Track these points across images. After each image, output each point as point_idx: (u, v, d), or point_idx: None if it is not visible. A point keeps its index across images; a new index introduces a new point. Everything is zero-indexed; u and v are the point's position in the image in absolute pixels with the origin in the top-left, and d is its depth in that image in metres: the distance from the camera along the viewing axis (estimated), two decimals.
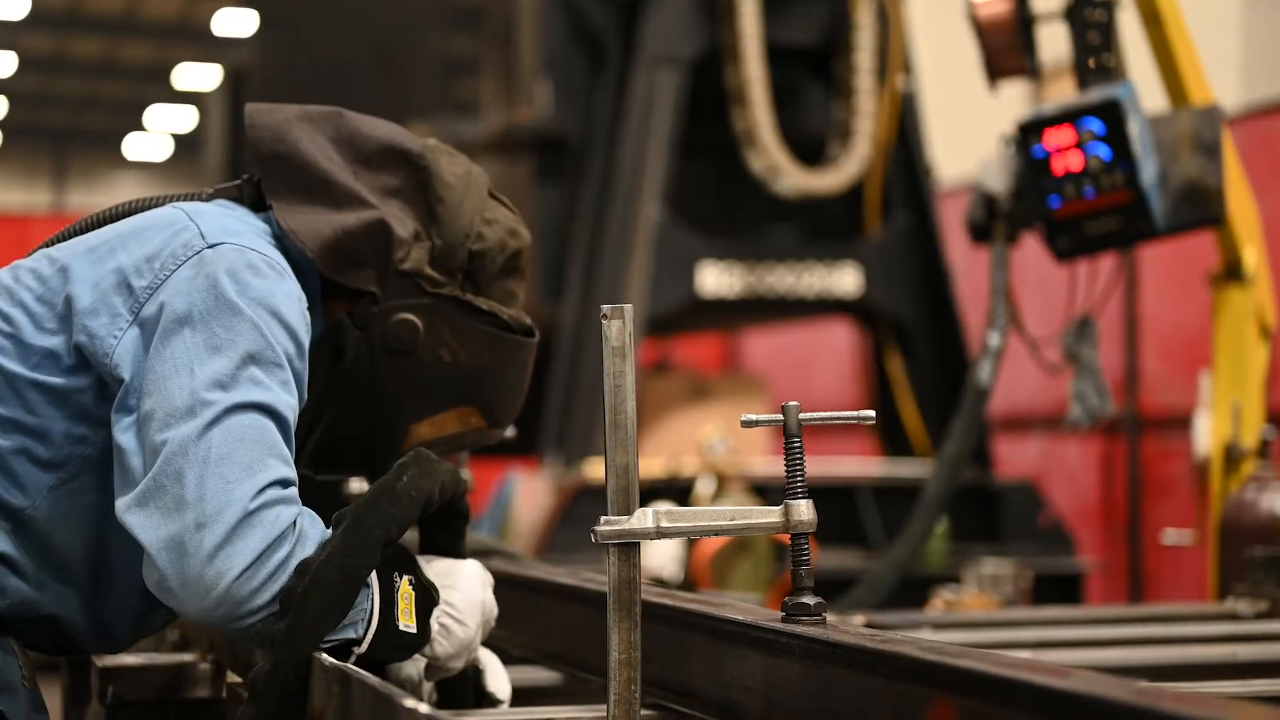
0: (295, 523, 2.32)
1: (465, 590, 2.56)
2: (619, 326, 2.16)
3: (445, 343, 2.72)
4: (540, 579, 3.13)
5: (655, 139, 8.26)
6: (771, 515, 2.23)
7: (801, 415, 2.25)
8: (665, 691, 2.47)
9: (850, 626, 2.21)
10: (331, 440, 2.74)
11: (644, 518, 2.17)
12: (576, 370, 8.33)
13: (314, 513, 2.39)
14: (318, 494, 2.66)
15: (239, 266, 2.47)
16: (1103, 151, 4.95)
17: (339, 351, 2.70)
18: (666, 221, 8.25)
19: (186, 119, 33.90)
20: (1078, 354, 5.41)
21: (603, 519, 2.17)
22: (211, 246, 2.51)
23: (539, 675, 3.00)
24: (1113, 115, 4.94)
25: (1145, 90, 5.09)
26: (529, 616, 3.14)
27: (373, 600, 2.38)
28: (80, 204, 33.64)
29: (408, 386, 2.71)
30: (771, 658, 2.20)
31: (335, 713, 2.13)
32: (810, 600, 2.24)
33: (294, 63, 15.33)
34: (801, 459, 2.25)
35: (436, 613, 2.51)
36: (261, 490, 2.30)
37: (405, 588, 2.44)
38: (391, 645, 2.42)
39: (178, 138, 35.58)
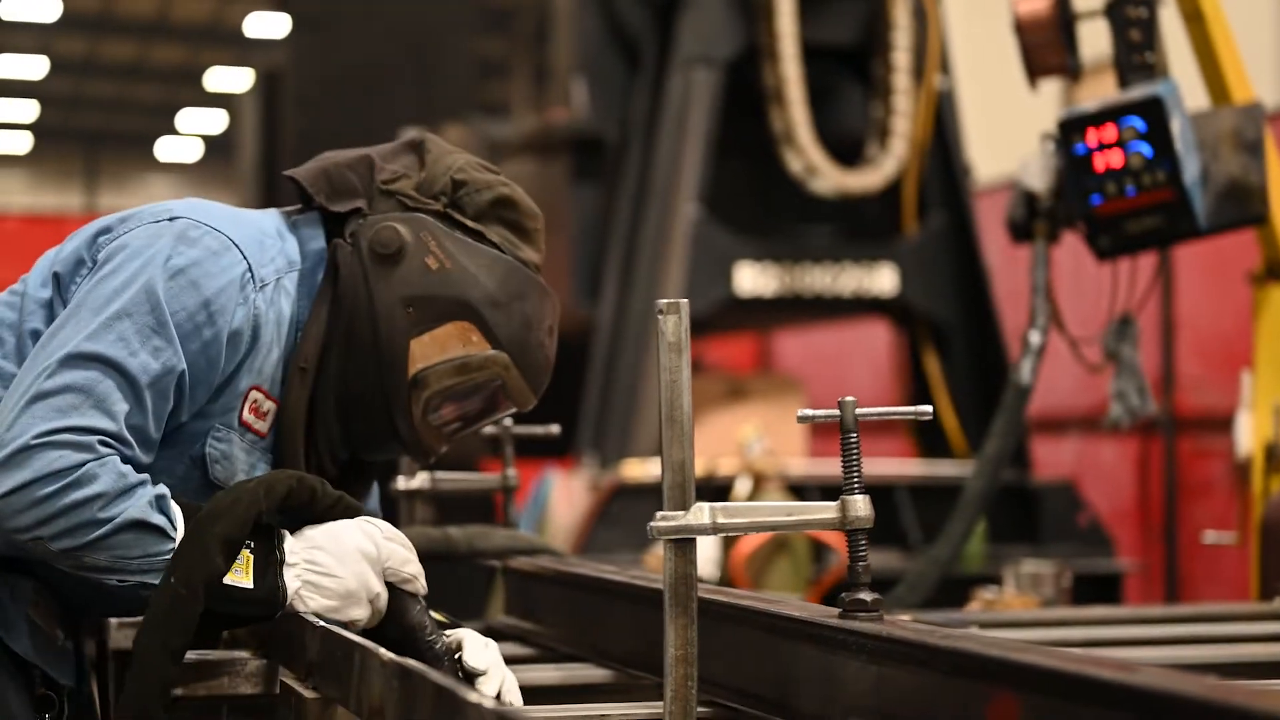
0: (80, 465, 2.48)
1: (333, 549, 2.64)
2: (675, 322, 2.15)
3: (430, 251, 2.81)
4: (589, 576, 3.12)
5: (692, 139, 8.25)
6: (828, 511, 2.22)
7: (858, 411, 2.24)
8: (720, 689, 2.46)
9: (909, 623, 2.20)
10: (345, 370, 2.79)
11: (700, 513, 2.16)
12: (613, 370, 8.33)
13: (122, 465, 2.53)
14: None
15: (175, 237, 2.67)
16: (1145, 149, 4.92)
17: (335, 270, 2.80)
18: (703, 221, 8.24)
19: (218, 121, 33.97)
20: (1118, 353, 5.39)
21: (659, 514, 2.15)
22: (172, 219, 2.71)
23: (590, 672, 2.99)
24: (1155, 113, 4.91)
25: (1184, 88, 5.07)
26: (578, 613, 3.14)
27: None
28: (112, 206, 33.68)
29: (400, 296, 2.78)
30: (829, 654, 2.19)
31: (395, 707, 2.12)
32: (868, 596, 2.23)
33: (326, 65, 15.33)
34: (858, 455, 2.24)
35: (298, 570, 2.61)
36: (56, 432, 2.48)
37: (244, 552, 2.57)
38: (224, 598, 2.54)
39: (209, 140, 35.66)
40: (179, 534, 2.56)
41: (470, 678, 2.65)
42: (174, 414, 2.66)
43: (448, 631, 2.71)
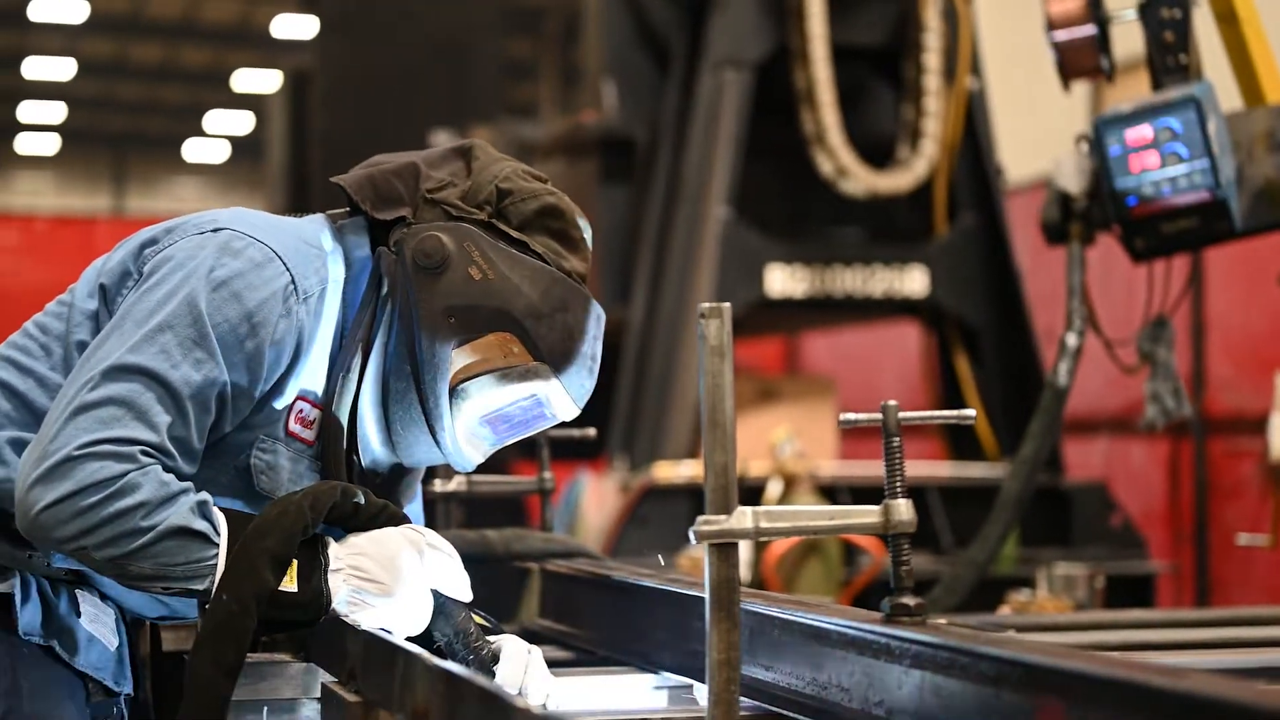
0: (123, 475, 2.50)
1: (377, 554, 2.66)
2: (717, 325, 2.15)
3: (474, 261, 2.79)
4: (627, 580, 3.12)
5: (722, 140, 8.25)
6: (871, 515, 2.21)
7: (901, 415, 2.23)
8: (762, 693, 2.46)
9: (952, 627, 2.19)
10: (387, 377, 2.80)
11: (743, 517, 2.15)
12: (643, 372, 8.33)
13: (164, 473, 2.55)
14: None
15: (219, 249, 2.68)
16: (1181, 150, 4.90)
17: (379, 279, 2.81)
18: (733, 223, 8.23)
19: (245, 123, 34.03)
20: (1153, 355, 5.37)
21: (701, 518, 2.15)
22: (216, 230, 2.72)
23: (629, 676, 2.99)
24: (1191, 114, 4.89)
25: (1217, 90, 5.05)
26: (616, 616, 3.14)
27: (218, 557, 2.55)
28: (140, 208, 33.83)
29: (442, 306, 2.77)
30: (872, 659, 2.19)
31: (440, 711, 2.12)
32: (911, 601, 2.23)
33: (354, 66, 15.37)
34: (901, 459, 2.24)
35: (343, 576, 2.63)
36: (98, 443, 2.51)
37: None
38: (270, 603, 2.56)
39: (236, 141, 35.70)
40: (222, 539, 2.57)
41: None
42: (216, 425, 2.66)
43: (491, 638, 2.71)
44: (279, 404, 2.73)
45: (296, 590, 2.60)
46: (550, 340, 2.82)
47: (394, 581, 2.66)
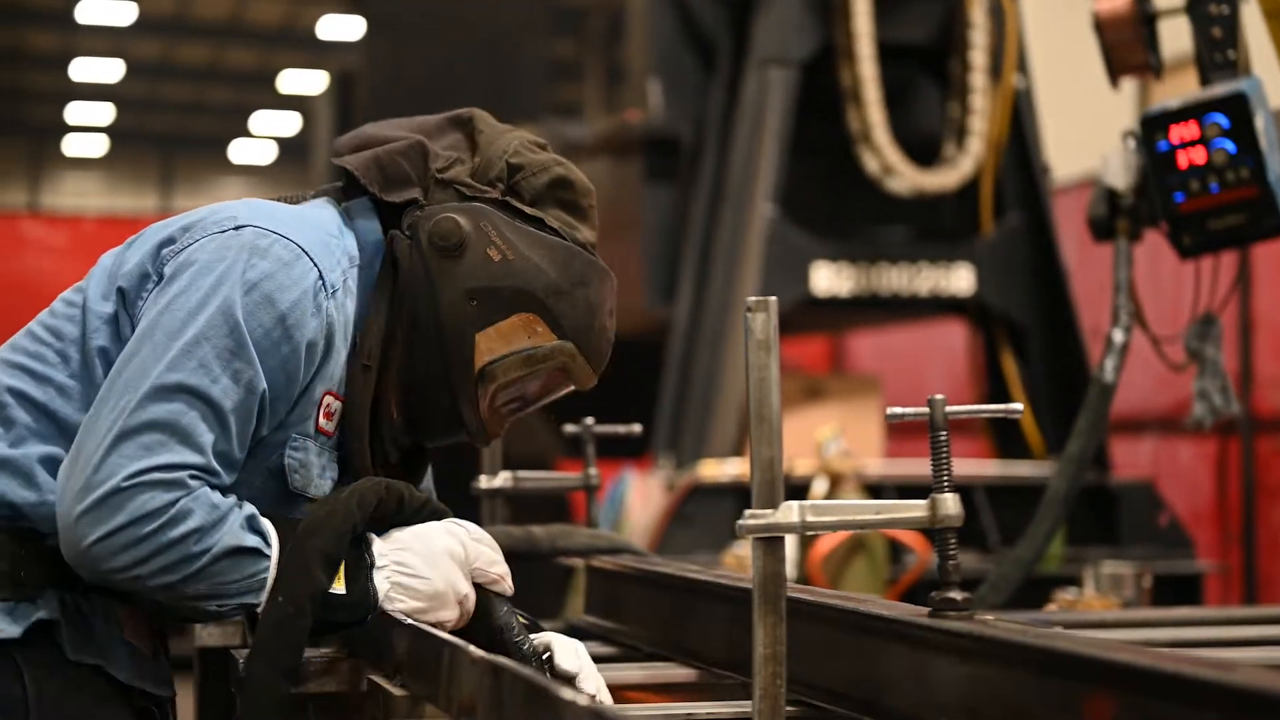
0: (174, 503, 2.48)
1: (421, 550, 2.66)
2: (763, 319, 2.15)
3: (491, 242, 2.79)
4: (673, 574, 3.12)
5: (767, 139, 8.24)
6: (917, 510, 2.21)
7: (948, 409, 2.23)
8: (808, 688, 2.46)
9: (999, 622, 2.18)
10: (410, 366, 2.80)
11: (789, 511, 2.15)
12: (688, 371, 8.32)
13: (211, 493, 2.53)
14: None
15: (246, 250, 2.63)
16: (1228, 146, 4.87)
17: (396, 267, 2.79)
18: (779, 221, 8.22)
19: (292, 124, 34.13)
20: (1201, 352, 5.34)
21: (747, 513, 2.15)
22: (238, 228, 2.68)
23: (675, 671, 2.99)
24: (1238, 110, 4.86)
25: (1265, 85, 5.02)
26: (662, 612, 3.14)
27: (270, 569, 2.55)
28: (186, 208, 33.66)
29: (463, 290, 2.77)
30: (919, 653, 2.18)
31: (486, 705, 2.12)
32: (958, 595, 2.22)
33: (399, 67, 15.39)
34: (948, 454, 2.23)
35: (387, 573, 2.63)
36: (145, 471, 2.48)
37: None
38: (326, 605, 2.57)
39: (283, 142, 35.82)
40: (274, 550, 2.57)
41: (558, 676, 2.66)
42: (254, 430, 2.65)
43: (533, 635, 2.71)
44: (309, 401, 2.72)
45: (345, 592, 2.60)
46: (573, 317, 2.83)
47: (437, 577, 2.66)
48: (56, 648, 2.66)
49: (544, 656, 2.69)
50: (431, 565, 2.66)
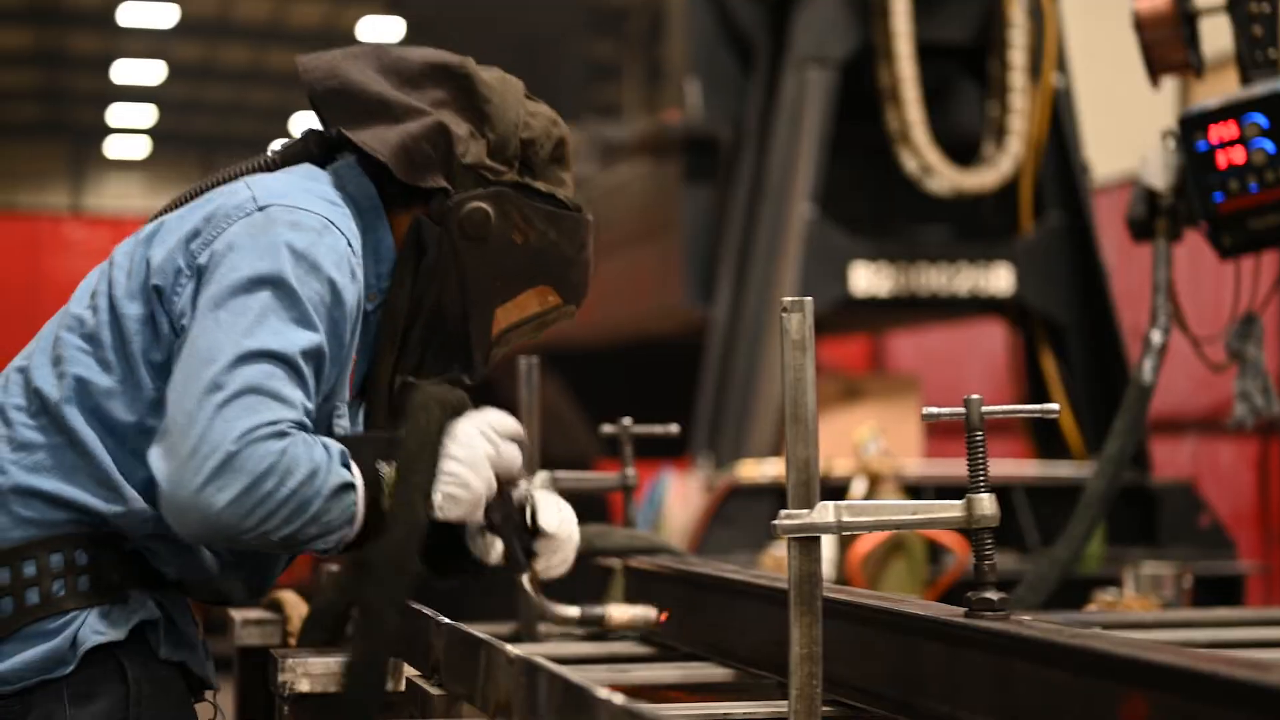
0: (282, 455, 2.53)
1: (466, 458, 2.73)
2: (799, 319, 2.16)
3: (515, 225, 2.93)
4: (710, 574, 3.12)
5: (806, 139, 8.23)
6: (954, 510, 2.21)
7: (984, 409, 2.23)
8: (844, 688, 2.46)
9: (1035, 622, 2.18)
10: (431, 339, 2.92)
11: (825, 511, 2.16)
12: (727, 371, 8.32)
13: (309, 437, 2.59)
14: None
15: (283, 225, 2.70)
16: (1268, 146, 4.85)
17: (422, 249, 2.89)
18: (818, 221, 8.21)
19: None
20: (1242, 352, 5.31)
21: (783, 513, 2.16)
22: (262, 209, 2.75)
23: (711, 671, 2.99)
24: (1277, 109, 4.84)
25: None
26: (698, 612, 3.14)
27: (356, 502, 2.61)
28: None
29: (489, 271, 2.92)
30: (955, 653, 2.18)
31: (522, 704, 2.13)
32: (994, 595, 2.22)
33: None
34: (984, 454, 2.23)
35: (439, 484, 2.70)
36: (251, 430, 2.52)
37: (391, 474, 2.67)
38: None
39: None
40: (357, 478, 2.62)
41: (539, 533, 2.83)
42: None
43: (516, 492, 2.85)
44: (347, 365, 2.80)
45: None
46: (579, 281, 3.03)
47: (481, 483, 2.74)
48: (146, 645, 2.75)
49: (527, 511, 2.85)
50: (476, 473, 2.73)
